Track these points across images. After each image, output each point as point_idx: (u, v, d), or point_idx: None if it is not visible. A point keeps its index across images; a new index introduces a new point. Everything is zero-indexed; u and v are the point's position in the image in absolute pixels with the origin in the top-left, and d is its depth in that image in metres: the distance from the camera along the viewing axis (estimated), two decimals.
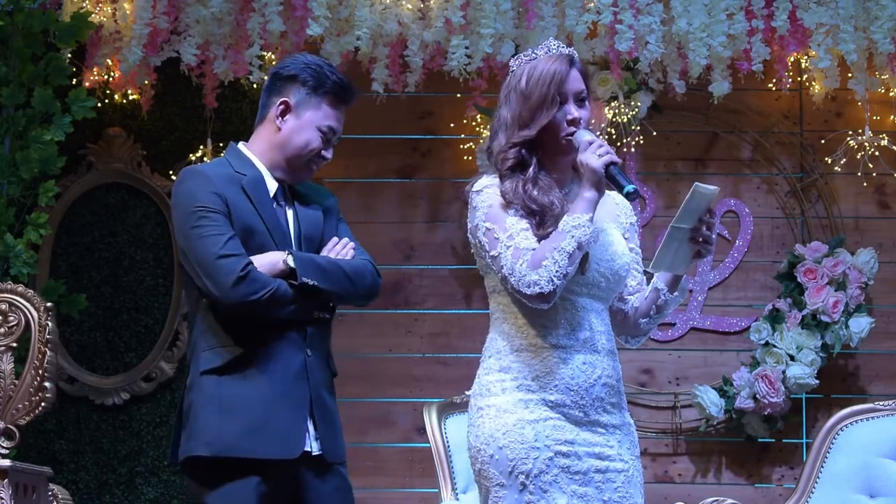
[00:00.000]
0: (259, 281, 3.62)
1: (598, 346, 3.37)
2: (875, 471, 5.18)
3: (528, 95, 3.38)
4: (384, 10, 5.84)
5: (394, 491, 6.10)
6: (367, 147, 6.34)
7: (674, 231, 3.32)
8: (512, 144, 3.39)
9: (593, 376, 3.35)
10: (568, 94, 3.38)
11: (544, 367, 3.34)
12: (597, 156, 3.30)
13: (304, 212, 3.84)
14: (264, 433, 3.60)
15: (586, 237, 3.27)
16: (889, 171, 6.18)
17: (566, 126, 3.38)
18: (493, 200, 3.38)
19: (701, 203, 3.30)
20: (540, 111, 3.36)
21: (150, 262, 6.31)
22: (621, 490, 3.35)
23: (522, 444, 3.31)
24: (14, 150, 5.69)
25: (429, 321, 6.28)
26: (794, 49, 5.96)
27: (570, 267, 3.27)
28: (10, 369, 4.72)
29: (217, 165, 3.83)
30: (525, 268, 3.28)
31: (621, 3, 5.84)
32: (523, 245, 3.31)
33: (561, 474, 3.30)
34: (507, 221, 3.35)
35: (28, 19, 5.70)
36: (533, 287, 3.27)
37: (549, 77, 3.36)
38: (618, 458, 3.36)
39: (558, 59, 3.39)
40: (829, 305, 5.97)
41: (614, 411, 3.39)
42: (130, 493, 6.15)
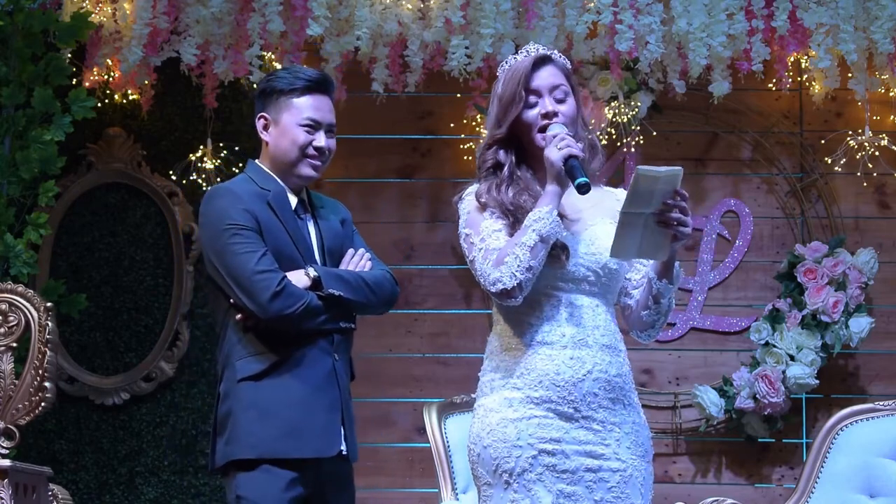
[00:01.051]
0: (294, 295, 3.77)
1: (590, 341, 3.36)
2: (875, 471, 5.18)
3: (501, 96, 3.44)
4: (384, 10, 5.84)
5: (394, 491, 6.10)
6: (367, 147, 6.34)
7: (624, 217, 3.24)
8: (488, 145, 3.45)
9: (581, 371, 3.33)
10: (541, 90, 3.41)
11: (528, 364, 3.34)
12: (557, 149, 3.30)
13: (325, 224, 3.98)
14: (302, 434, 3.76)
15: (547, 229, 3.27)
16: (889, 171, 6.18)
17: (539, 120, 3.40)
18: (470, 206, 3.43)
19: (654, 185, 3.21)
20: (508, 109, 3.42)
21: (150, 262, 6.31)
22: (616, 490, 3.31)
23: (505, 443, 3.31)
24: (14, 150, 5.69)
25: (429, 321, 6.28)
26: (794, 49, 5.96)
27: (532, 261, 3.27)
28: (10, 369, 4.72)
29: (242, 182, 3.95)
30: (489, 266, 3.31)
31: (621, 3, 5.84)
32: (492, 246, 3.34)
33: (546, 472, 3.28)
34: (482, 225, 3.38)
35: (28, 19, 5.70)
36: (496, 284, 3.30)
37: (517, 75, 3.41)
38: (613, 458, 3.33)
39: (528, 58, 3.43)
40: (829, 305, 5.97)
41: (614, 408, 3.36)
42: (130, 493, 6.15)
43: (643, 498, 3.36)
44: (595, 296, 3.40)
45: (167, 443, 6.19)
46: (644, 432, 3.42)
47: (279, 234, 3.87)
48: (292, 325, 3.78)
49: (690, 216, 3.30)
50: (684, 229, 3.29)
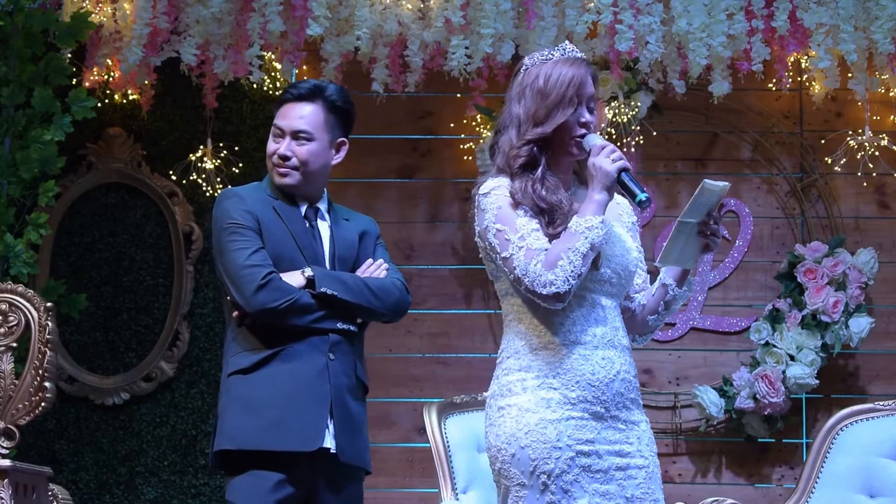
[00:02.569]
0: (280, 290, 3.82)
1: (616, 341, 3.41)
2: (875, 471, 5.18)
3: (547, 94, 3.42)
4: (384, 10, 5.84)
5: (394, 491, 6.10)
6: (367, 147, 6.34)
7: (681, 225, 3.37)
8: (526, 141, 3.43)
9: (612, 371, 3.38)
10: (583, 97, 3.43)
11: (564, 364, 3.36)
12: (610, 160, 3.35)
13: (339, 233, 4.04)
14: (285, 428, 3.77)
15: (599, 239, 3.31)
16: (889, 171, 6.18)
17: (577, 128, 3.43)
18: (501, 202, 3.40)
19: (710, 199, 3.34)
20: (557, 110, 3.40)
21: (150, 262, 6.31)
22: (643, 486, 3.37)
23: (545, 444, 3.33)
24: (14, 150, 5.69)
25: (429, 321, 6.28)
26: (794, 49, 5.96)
27: (584, 267, 3.31)
28: (10, 369, 4.72)
29: (252, 188, 4.05)
30: (539, 268, 3.31)
31: (621, 3, 5.84)
32: (535, 245, 3.34)
33: (582, 474, 3.32)
34: (518, 222, 3.37)
35: (28, 19, 5.70)
36: (549, 287, 3.30)
37: (569, 79, 3.42)
38: (638, 455, 3.38)
39: (577, 62, 3.45)
40: (829, 305, 5.97)
41: (633, 407, 3.42)
42: (130, 493, 6.15)
43: (661, 492, 3.44)
44: (614, 297, 3.46)
45: (167, 443, 6.19)
46: (650, 429, 3.49)
47: (282, 236, 3.92)
48: (277, 319, 3.82)
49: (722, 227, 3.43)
50: (717, 240, 3.42)
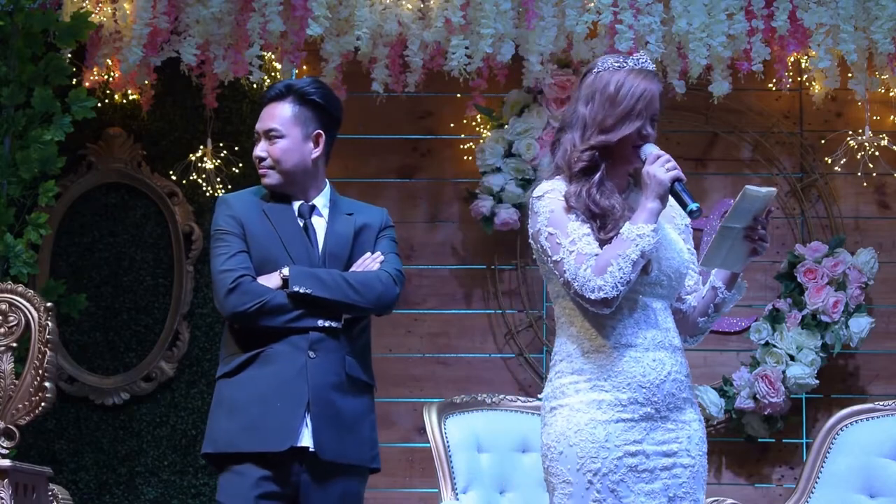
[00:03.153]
0: (249, 293, 3.85)
1: (667, 343, 3.44)
2: (875, 471, 5.18)
3: (617, 104, 3.45)
4: (384, 10, 5.84)
5: (394, 491, 6.10)
6: (367, 147, 6.34)
7: (725, 230, 3.40)
8: (589, 147, 3.45)
9: (663, 373, 3.41)
10: (651, 112, 3.47)
11: (616, 366, 3.40)
12: (664, 170, 3.40)
13: (334, 229, 4.02)
14: (259, 429, 3.80)
15: (649, 246, 3.35)
16: (889, 171, 6.18)
17: (638, 140, 3.47)
18: (554, 205, 3.45)
19: (754, 204, 3.38)
20: (625, 121, 3.44)
21: (150, 262, 6.31)
22: (686, 486, 3.41)
23: (593, 444, 3.37)
24: (14, 150, 5.69)
25: (429, 321, 6.28)
26: (794, 49, 5.96)
27: (633, 274, 3.35)
28: (10, 369, 4.72)
29: (246, 193, 4.08)
30: (589, 273, 3.36)
31: (621, 3, 5.84)
32: (586, 250, 3.38)
33: (629, 474, 3.37)
34: (570, 226, 3.41)
35: (28, 19, 5.70)
36: (597, 292, 3.34)
37: (640, 92, 3.45)
38: (685, 454, 3.42)
39: (649, 76, 3.48)
40: (829, 305, 5.97)
41: (685, 407, 3.45)
42: (130, 493, 6.15)
43: (703, 492, 3.48)
44: (664, 298, 3.50)
45: (167, 443, 6.19)
46: (703, 427, 3.52)
47: (269, 238, 3.94)
48: (249, 322, 3.86)
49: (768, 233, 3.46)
50: (765, 245, 3.45)
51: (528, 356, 6.23)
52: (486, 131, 6.21)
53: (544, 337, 6.24)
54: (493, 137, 6.16)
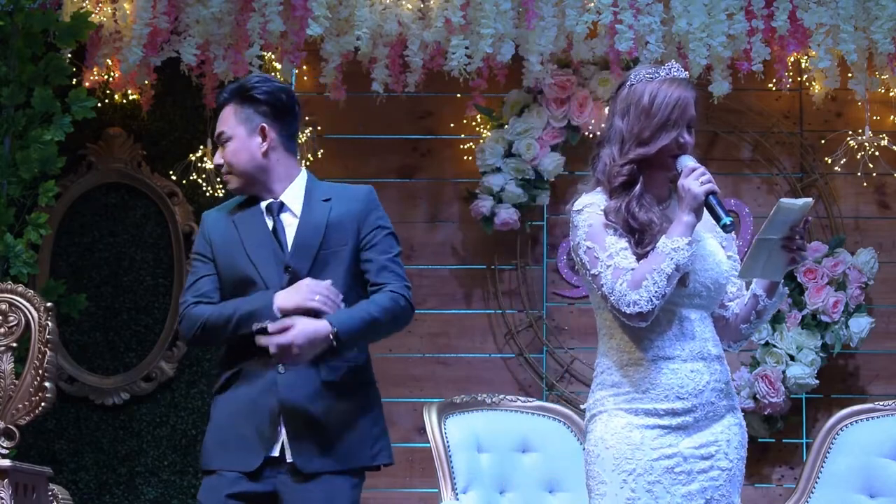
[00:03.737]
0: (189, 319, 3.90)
1: (705, 353, 3.47)
2: (875, 471, 5.18)
3: (653, 115, 3.47)
4: (384, 10, 5.84)
5: (394, 491, 6.09)
6: (367, 147, 6.34)
7: (760, 242, 3.41)
8: (628, 161, 3.48)
9: (702, 383, 3.45)
10: (687, 119, 3.49)
11: (653, 379, 3.44)
12: (699, 183, 3.40)
13: (305, 220, 3.93)
14: (228, 446, 3.84)
15: (684, 260, 3.37)
16: (889, 171, 6.18)
17: (675, 149, 3.48)
18: (593, 220, 3.48)
19: (789, 216, 3.39)
20: (661, 132, 3.46)
21: (150, 262, 6.31)
22: (722, 489, 3.45)
23: (629, 445, 3.42)
24: (14, 150, 5.69)
25: (429, 321, 6.28)
26: (794, 49, 5.96)
27: (668, 288, 3.37)
28: (10, 369, 4.72)
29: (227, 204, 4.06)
30: (625, 287, 3.39)
31: (621, 3, 5.84)
32: (623, 265, 3.41)
33: (665, 475, 3.40)
34: (607, 240, 3.44)
35: (28, 19, 5.70)
36: (633, 307, 3.38)
37: (675, 101, 3.47)
38: (723, 458, 3.46)
39: (682, 84, 3.51)
40: (829, 305, 5.97)
41: (726, 413, 3.49)
42: (130, 493, 6.15)
43: (738, 495, 3.53)
44: (703, 308, 3.52)
45: (167, 443, 6.19)
46: (744, 432, 3.56)
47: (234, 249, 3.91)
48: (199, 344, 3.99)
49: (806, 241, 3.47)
50: (805, 254, 3.47)
51: (528, 356, 6.23)
52: (486, 131, 6.21)
53: (544, 337, 6.24)
54: (493, 137, 6.16)
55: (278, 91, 3.97)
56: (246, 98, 3.94)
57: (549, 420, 5.26)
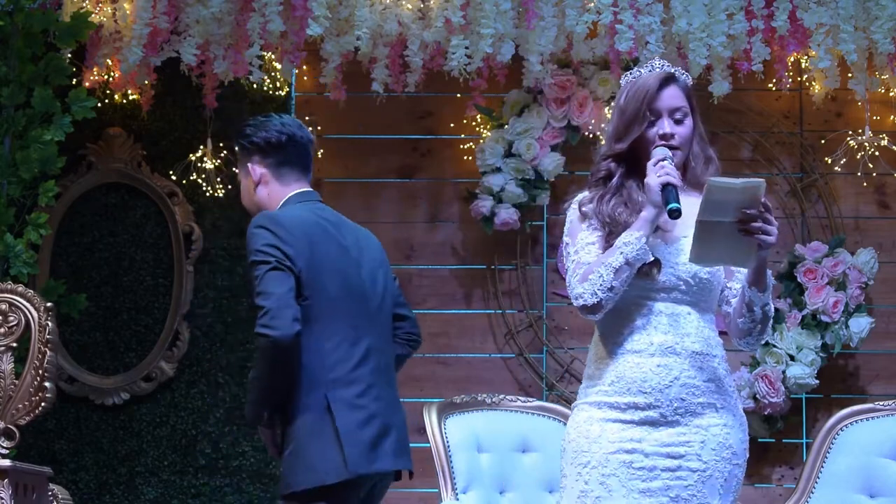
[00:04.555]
0: None
1: (678, 348, 3.43)
2: (875, 471, 5.18)
3: (624, 110, 3.51)
4: (384, 10, 5.84)
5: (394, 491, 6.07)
6: (367, 147, 6.34)
7: (702, 225, 3.33)
8: (605, 157, 3.53)
9: (668, 378, 3.42)
10: (661, 110, 3.48)
11: (618, 372, 3.44)
12: (656, 176, 3.40)
13: None
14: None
15: (634, 254, 3.36)
16: (889, 171, 6.18)
17: (658, 141, 3.47)
18: (573, 216, 3.54)
19: (728, 195, 3.30)
20: (632, 125, 3.49)
21: (150, 262, 6.31)
22: (692, 489, 3.40)
23: (587, 439, 3.42)
24: (14, 150, 5.69)
25: (429, 321, 6.27)
26: (794, 49, 5.96)
27: (615, 281, 3.37)
28: (10, 369, 4.72)
29: None
30: (576, 280, 3.42)
31: (621, 3, 5.84)
32: (584, 259, 3.44)
33: (622, 468, 3.38)
34: (580, 236, 3.49)
35: (28, 19, 5.70)
36: (578, 299, 3.41)
37: (642, 94, 3.49)
38: (695, 458, 3.40)
39: (653, 76, 3.51)
40: (829, 305, 5.97)
41: (703, 412, 3.43)
42: (130, 493, 6.15)
43: (721, 498, 3.43)
44: (687, 304, 3.48)
45: (167, 443, 6.18)
46: (737, 435, 3.48)
47: None
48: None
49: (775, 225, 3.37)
50: (767, 238, 3.35)
51: (528, 356, 6.23)
52: (486, 131, 6.21)
53: (544, 337, 6.24)
54: (493, 137, 6.16)
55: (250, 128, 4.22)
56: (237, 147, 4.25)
57: (549, 420, 5.26)
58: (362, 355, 4.01)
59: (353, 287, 4.00)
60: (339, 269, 3.98)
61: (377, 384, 4.07)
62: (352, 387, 3.96)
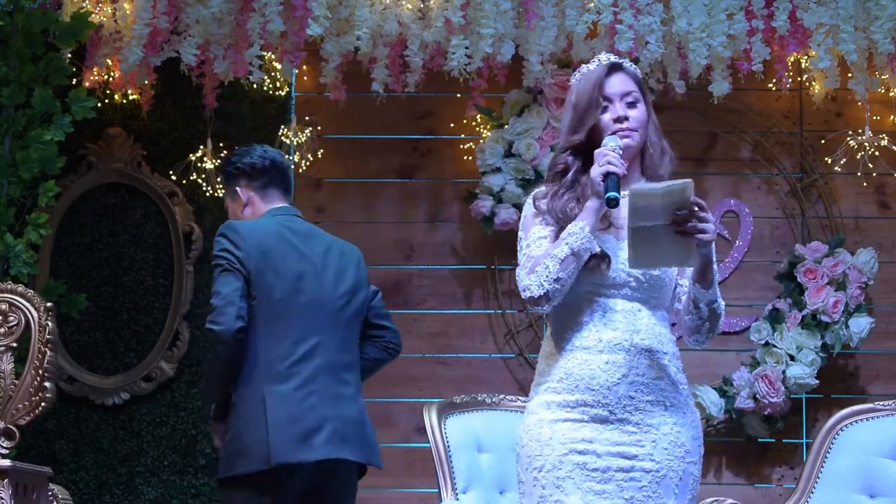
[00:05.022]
0: None
1: (627, 345, 3.41)
2: (875, 471, 5.18)
3: (577, 104, 3.51)
4: (384, 10, 5.84)
5: (394, 491, 6.09)
6: (367, 147, 6.34)
7: (633, 231, 3.31)
8: (563, 149, 3.53)
9: (616, 375, 3.39)
10: (612, 96, 3.49)
11: (566, 369, 3.42)
12: (598, 166, 3.38)
13: None
14: None
15: (578, 244, 3.35)
16: (889, 171, 6.18)
17: (612, 125, 3.47)
18: (528, 211, 3.55)
19: (654, 201, 3.29)
20: (585, 115, 3.49)
21: (150, 262, 6.31)
22: (647, 490, 3.38)
23: (538, 442, 3.40)
24: (14, 150, 5.69)
25: (429, 321, 6.28)
26: (794, 49, 5.96)
27: (561, 273, 3.34)
28: (10, 369, 4.72)
29: None
30: (524, 273, 3.41)
31: (621, 3, 5.84)
32: (533, 253, 3.43)
33: (576, 470, 3.36)
34: (532, 230, 3.49)
35: (28, 19, 5.70)
36: (525, 291, 3.39)
37: (592, 82, 3.50)
38: (647, 458, 3.39)
39: (603, 66, 3.53)
40: (829, 305, 5.97)
41: (653, 410, 3.41)
42: (130, 493, 6.15)
43: (677, 498, 3.41)
44: (638, 300, 3.46)
45: (167, 443, 6.18)
46: (688, 433, 3.46)
47: None
48: None
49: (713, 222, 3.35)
50: (704, 236, 3.33)
51: (528, 356, 6.23)
52: (486, 131, 6.20)
53: None
54: (493, 137, 6.16)
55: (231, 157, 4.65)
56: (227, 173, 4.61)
57: None
58: (306, 353, 4.26)
59: (307, 290, 4.32)
60: (294, 274, 4.31)
61: (319, 380, 4.26)
62: (289, 381, 4.20)
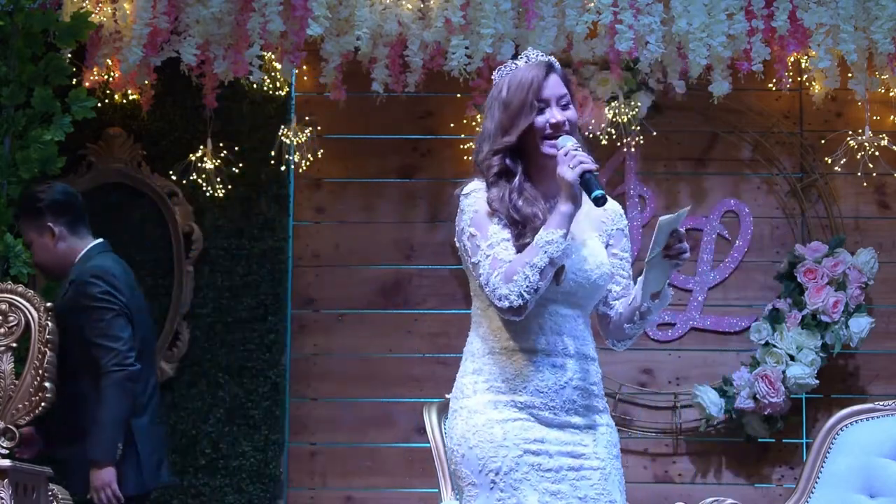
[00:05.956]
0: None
1: (572, 350, 3.42)
2: (875, 471, 5.18)
3: (508, 103, 3.45)
4: (384, 10, 5.84)
5: (394, 491, 6.09)
6: (367, 147, 6.34)
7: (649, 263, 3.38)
8: (494, 151, 3.45)
9: (563, 379, 3.40)
10: (549, 99, 3.44)
11: (515, 370, 3.40)
12: (570, 167, 3.33)
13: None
14: None
15: (558, 253, 3.32)
16: (889, 171, 6.18)
17: (548, 129, 3.42)
18: (479, 206, 3.44)
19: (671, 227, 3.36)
20: (519, 117, 3.43)
21: (150, 262, 6.31)
22: (598, 487, 3.39)
23: (491, 443, 3.38)
24: (14, 150, 5.68)
25: (429, 321, 6.28)
26: (794, 49, 5.96)
27: (541, 282, 3.32)
28: (10, 369, 4.72)
29: None
30: (499, 280, 3.34)
31: (621, 3, 5.84)
32: (501, 256, 3.36)
33: (531, 471, 3.35)
34: (490, 229, 3.40)
35: (28, 19, 5.70)
36: (503, 301, 3.33)
37: (528, 83, 3.43)
38: (593, 457, 3.41)
39: (537, 66, 3.47)
40: (829, 305, 5.97)
41: (590, 413, 3.44)
42: None
43: (622, 494, 3.45)
44: (578, 307, 3.47)
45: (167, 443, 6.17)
46: (615, 434, 3.51)
47: None
48: None
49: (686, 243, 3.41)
50: (685, 256, 3.40)
51: None
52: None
53: None
54: None
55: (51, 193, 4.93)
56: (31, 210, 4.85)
57: None
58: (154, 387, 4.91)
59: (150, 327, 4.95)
60: (144, 313, 4.91)
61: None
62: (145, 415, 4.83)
